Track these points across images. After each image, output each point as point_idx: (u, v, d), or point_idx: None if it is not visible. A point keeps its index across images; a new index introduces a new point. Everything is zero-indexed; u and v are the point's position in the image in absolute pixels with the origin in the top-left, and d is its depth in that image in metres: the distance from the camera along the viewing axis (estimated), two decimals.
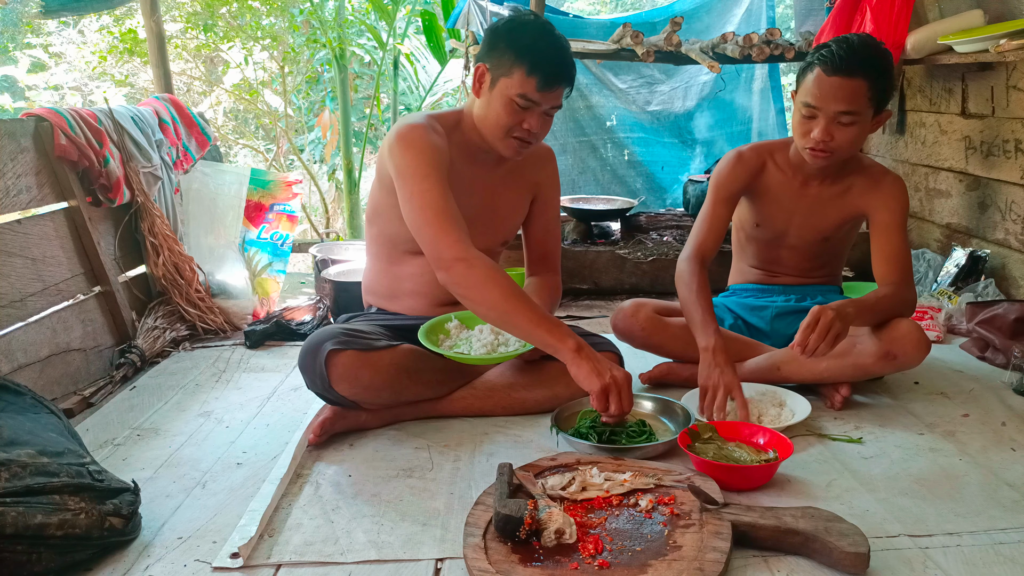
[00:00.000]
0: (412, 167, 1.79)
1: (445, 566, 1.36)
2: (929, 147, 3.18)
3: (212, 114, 5.97)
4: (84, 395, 2.19)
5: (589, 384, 1.65)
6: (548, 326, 1.68)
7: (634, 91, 4.21)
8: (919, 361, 1.90)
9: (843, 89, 1.87)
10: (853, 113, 1.90)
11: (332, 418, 1.84)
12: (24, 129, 2.28)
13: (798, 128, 1.97)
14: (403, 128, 1.84)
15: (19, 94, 6.57)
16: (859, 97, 1.89)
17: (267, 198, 3.19)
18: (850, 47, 1.88)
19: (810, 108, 1.92)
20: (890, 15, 2.74)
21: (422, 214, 1.75)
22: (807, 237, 2.17)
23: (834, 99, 1.88)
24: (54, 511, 1.31)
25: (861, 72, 1.87)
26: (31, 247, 2.23)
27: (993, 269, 2.80)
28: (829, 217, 2.13)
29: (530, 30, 1.83)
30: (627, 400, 1.68)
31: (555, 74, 1.80)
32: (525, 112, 1.83)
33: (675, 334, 2.14)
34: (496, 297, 1.69)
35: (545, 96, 1.82)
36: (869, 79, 1.88)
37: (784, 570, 1.33)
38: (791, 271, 2.25)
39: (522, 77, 1.79)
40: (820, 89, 1.89)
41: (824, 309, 1.76)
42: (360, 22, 4.96)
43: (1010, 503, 1.53)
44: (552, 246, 2.19)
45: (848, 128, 1.92)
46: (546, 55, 1.80)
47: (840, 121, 1.91)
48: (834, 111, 1.89)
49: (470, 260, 1.71)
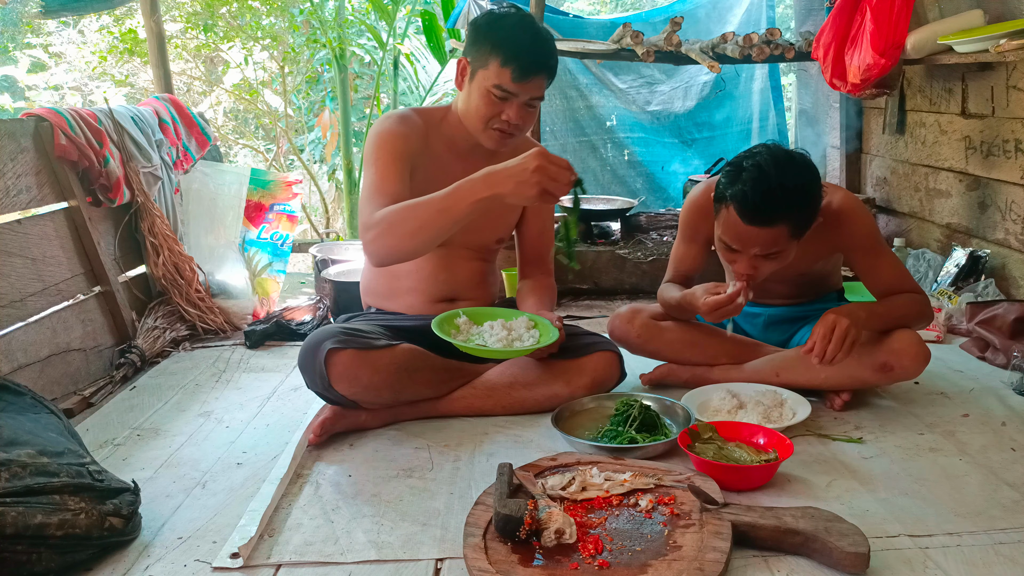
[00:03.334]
0: (369, 155, 1.90)
1: (445, 566, 1.36)
2: (929, 147, 3.18)
3: (212, 114, 5.97)
4: (84, 395, 2.19)
5: (524, 199, 1.64)
6: (451, 191, 1.67)
7: (634, 91, 4.21)
8: (917, 374, 1.90)
9: (761, 236, 1.76)
10: (774, 253, 1.80)
11: (332, 418, 1.84)
12: (24, 129, 2.28)
13: (723, 256, 1.89)
14: (377, 121, 1.95)
15: (19, 94, 6.57)
16: (780, 239, 1.77)
17: (267, 198, 3.19)
18: (767, 195, 1.71)
19: (727, 249, 1.84)
20: (890, 15, 2.74)
21: (362, 196, 1.87)
22: (786, 277, 2.06)
23: (753, 244, 1.78)
24: (54, 511, 1.31)
25: (781, 219, 1.74)
26: (31, 247, 2.23)
27: (993, 269, 2.80)
28: (799, 264, 1.99)
29: (507, 23, 1.87)
30: (559, 169, 1.63)
31: (530, 64, 1.82)
32: (503, 103, 1.86)
33: (672, 339, 2.13)
34: (404, 218, 1.70)
35: (521, 87, 1.84)
36: (789, 222, 1.75)
37: (784, 570, 1.33)
38: (780, 296, 2.19)
39: (497, 68, 1.82)
40: (737, 234, 1.79)
41: (839, 317, 1.74)
42: (360, 22, 4.96)
43: (1010, 503, 1.53)
44: (545, 249, 2.20)
45: (773, 259, 1.82)
46: (521, 46, 1.82)
47: (765, 255, 1.81)
48: (753, 253, 1.80)
49: (370, 223, 1.75)
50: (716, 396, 1.97)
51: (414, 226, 1.70)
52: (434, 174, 1.92)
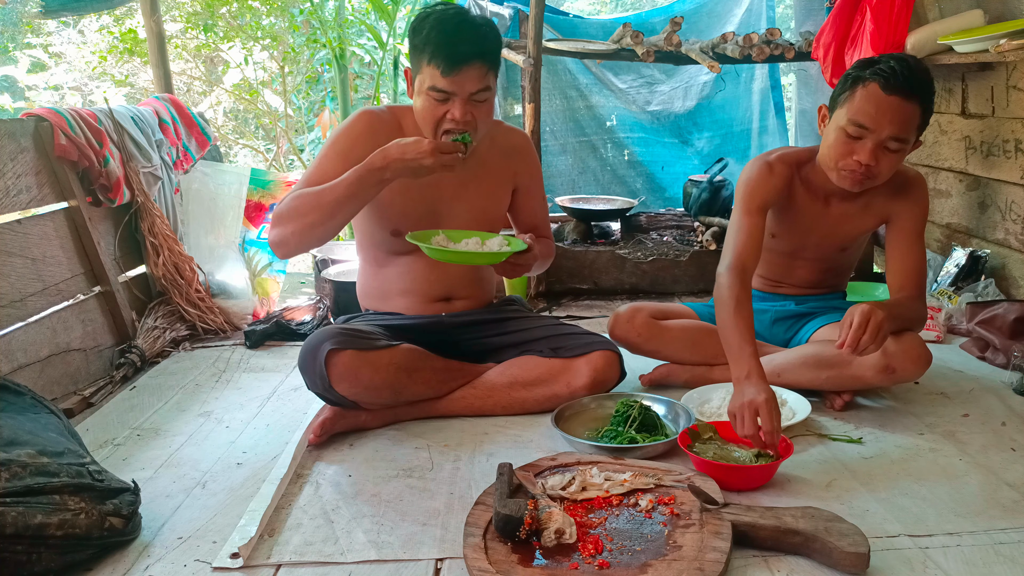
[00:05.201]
0: (322, 150, 1.91)
1: (445, 566, 1.36)
2: (929, 147, 3.18)
3: (212, 114, 5.96)
4: (84, 395, 2.19)
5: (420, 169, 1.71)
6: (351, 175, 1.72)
7: (634, 91, 4.21)
8: (918, 375, 1.89)
9: (900, 112, 1.77)
10: (902, 140, 1.80)
11: (332, 418, 1.84)
12: (24, 129, 2.28)
13: (838, 147, 1.85)
14: (349, 116, 1.95)
15: (19, 94, 6.56)
16: (911, 122, 1.80)
17: (267, 198, 3.19)
18: (908, 66, 1.78)
19: (860, 128, 1.80)
20: (890, 15, 2.74)
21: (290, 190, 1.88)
22: (824, 250, 2.12)
23: (889, 121, 1.77)
24: (54, 511, 1.31)
25: (918, 95, 1.78)
26: (31, 247, 2.23)
27: (993, 269, 2.80)
28: (849, 231, 2.08)
29: (431, 19, 1.78)
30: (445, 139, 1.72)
31: (456, 56, 1.72)
32: (445, 104, 1.78)
33: (672, 339, 2.13)
34: (303, 199, 1.76)
35: (453, 82, 1.74)
36: (923, 105, 1.80)
37: (784, 570, 1.33)
38: (799, 283, 2.20)
39: (428, 69, 1.77)
40: (877, 108, 1.77)
41: (873, 309, 1.72)
42: (360, 22, 4.96)
43: (1010, 503, 1.53)
44: (540, 220, 2.17)
45: (893, 155, 1.82)
46: (444, 40, 1.73)
47: (888, 146, 1.80)
48: (886, 134, 1.79)
49: (276, 212, 1.81)
50: (716, 396, 1.97)
51: (318, 210, 1.75)
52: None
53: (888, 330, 1.75)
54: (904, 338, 1.86)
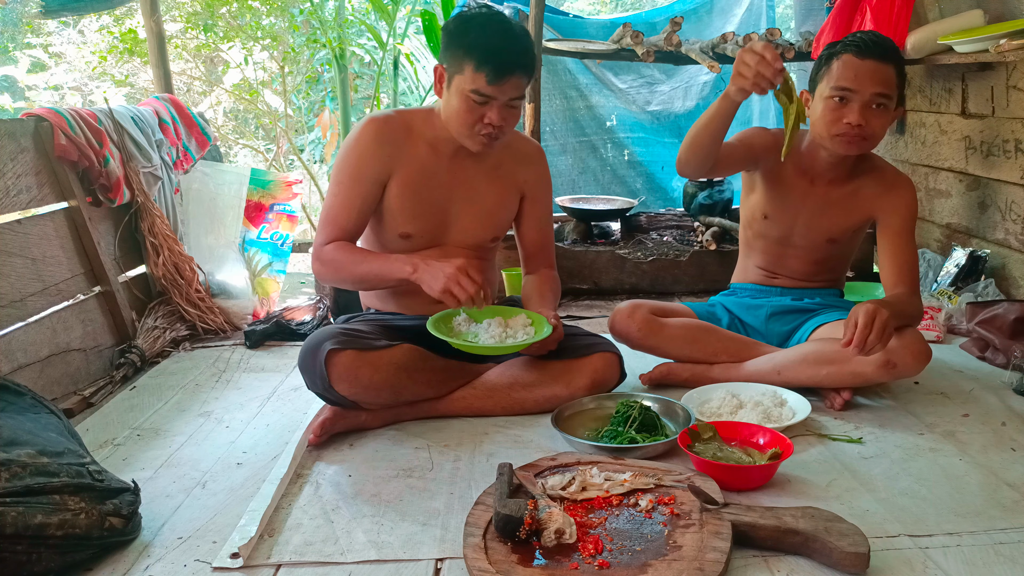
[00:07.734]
0: (336, 166, 1.97)
1: (445, 566, 1.36)
2: (929, 147, 3.18)
3: (212, 114, 5.96)
4: (84, 395, 2.19)
5: (430, 290, 1.79)
6: (388, 263, 1.88)
7: (634, 91, 4.21)
8: (919, 371, 1.91)
9: (878, 72, 1.91)
10: (886, 97, 1.93)
11: (332, 418, 1.84)
12: (24, 129, 2.28)
13: (827, 115, 1.96)
14: (356, 125, 1.99)
15: (19, 94, 6.57)
16: (890, 81, 1.93)
17: (267, 198, 3.19)
18: (875, 35, 1.95)
19: (844, 91, 1.92)
20: (890, 15, 2.74)
21: (322, 213, 1.99)
22: (812, 238, 2.16)
23: (870, 81, 1.91)
24: (54, 511, 1.31)
25: (891, 58, 1.93)
26: (31, 247, 2.23)
27: (993, 269, 2.80)
28: (835, 219, 2.13)
29: (477, 24, 1.82)
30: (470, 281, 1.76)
31: (503, 66, 1.78)
32: (483, 107, 1.82)
33: (672, 335, 2.13)
34: (344, 262, 1.91)
35: (498, 89, 1.80)
36: (897, 66, 1.94)
37: (784, 570, 1.33)
38: (794, 274, 2.24)
39: (472, 73, 1.79)
40: (855, 72, 1.91)
41: (878, 308, 1.76)
42: (360, 22, 4.96)
43: (1010, 503, 1.53)
44: (546, 242, 2.19)
45: (881, 114, 1.94)
46: (493, 48, 1.78)
47: (874, 105, 1.93)
48: (870, 93, 1.91)
49: (320, 255, 1.94)
50: (716, 396, 1.97)
51: (352, 277, 1.94)
52: (416, 177, 1.94)
53: (893, 328, 1.76)
54: (904, 334, 1.88)
